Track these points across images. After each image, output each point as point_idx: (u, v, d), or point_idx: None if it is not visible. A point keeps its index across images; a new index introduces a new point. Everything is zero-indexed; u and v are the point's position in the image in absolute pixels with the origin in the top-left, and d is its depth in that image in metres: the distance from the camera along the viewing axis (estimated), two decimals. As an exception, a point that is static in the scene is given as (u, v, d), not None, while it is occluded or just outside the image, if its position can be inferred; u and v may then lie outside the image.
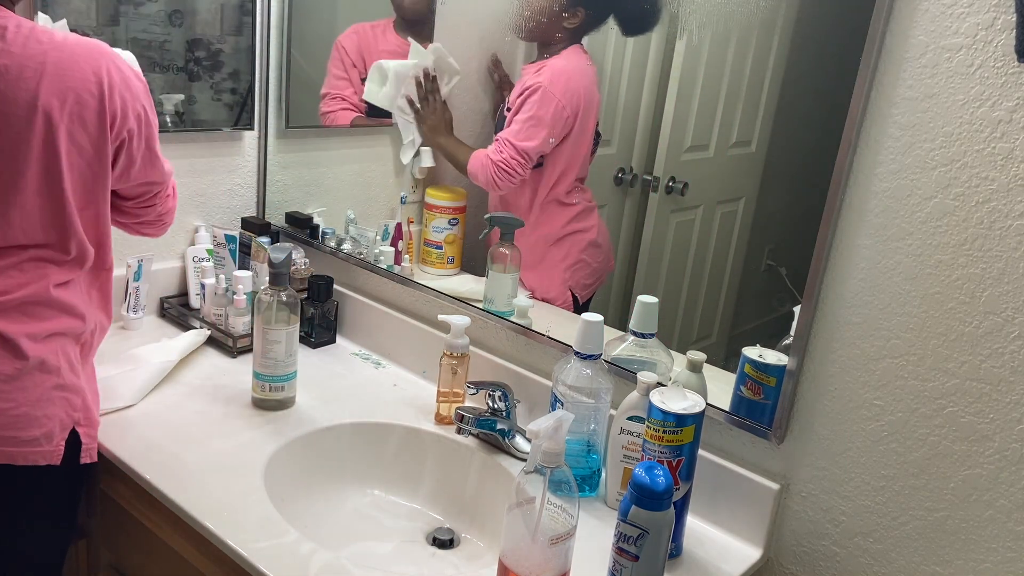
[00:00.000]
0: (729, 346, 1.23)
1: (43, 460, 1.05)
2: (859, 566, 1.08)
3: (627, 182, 1.33)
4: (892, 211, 0.98)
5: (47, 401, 1.04)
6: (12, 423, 1.01)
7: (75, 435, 1.09)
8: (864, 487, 1.06)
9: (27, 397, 1.03)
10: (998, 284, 0.92)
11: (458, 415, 1.27)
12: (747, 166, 1.18)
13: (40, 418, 1.04)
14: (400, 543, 1.20)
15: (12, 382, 1.01)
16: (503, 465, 1.24)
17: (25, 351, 1.02)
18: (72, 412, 1.08)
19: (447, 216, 1.51)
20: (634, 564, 0.92)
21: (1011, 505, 0.95)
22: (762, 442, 1.12)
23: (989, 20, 0.89)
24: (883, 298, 1.00)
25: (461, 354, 1.32)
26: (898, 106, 0.96)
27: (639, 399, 1.09)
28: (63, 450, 1.07)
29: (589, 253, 1.40)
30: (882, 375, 1.02)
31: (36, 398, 1.03)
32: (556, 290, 1.41)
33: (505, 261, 1.39)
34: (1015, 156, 0.89)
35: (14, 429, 1.02)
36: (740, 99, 1.18)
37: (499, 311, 1.40)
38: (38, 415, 1.04)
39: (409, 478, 1.30)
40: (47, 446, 1.05)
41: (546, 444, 0.89)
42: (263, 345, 1.28)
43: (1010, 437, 0.94)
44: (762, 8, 1.13)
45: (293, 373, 1.32)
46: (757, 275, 1.19)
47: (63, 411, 1.07)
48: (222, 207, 1.71)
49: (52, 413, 1.05)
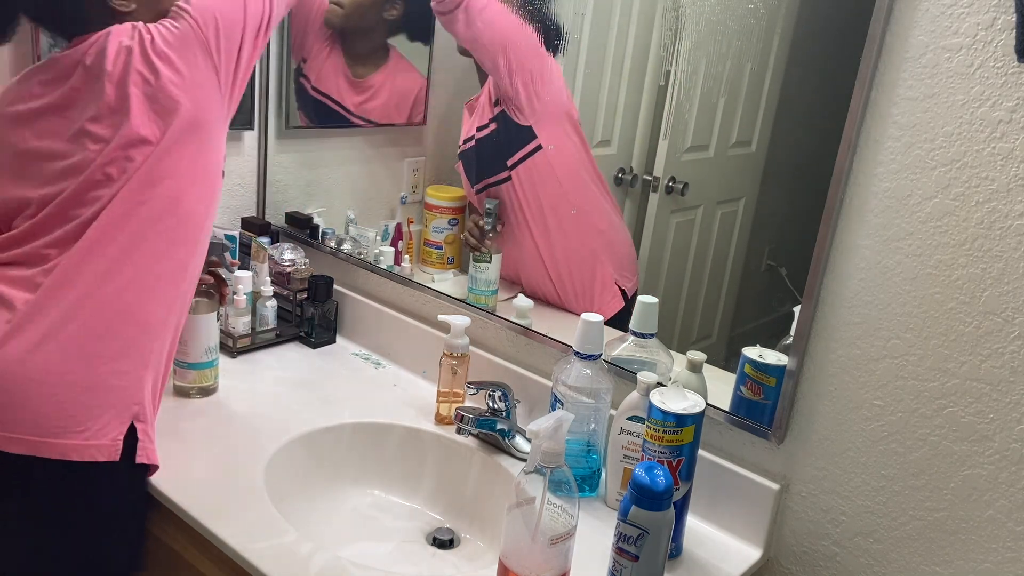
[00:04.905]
0: (729, 346, 1.23)
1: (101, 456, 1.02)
2: (859, 566, 1.08)
3: (627, 182, 1.33)
4: (892, 211, 0.98)
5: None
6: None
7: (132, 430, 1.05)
8: (864, 487, 1.06)
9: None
10: (998, 284, 0.92)
11: (458, 415, 1.27)
12: (747, 166, 1.18)
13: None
14: (400, 543, 1.20)
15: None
16: (503, 465, 1.24)
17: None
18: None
19: (447, 216, 1.51)
20: (634, 564, 0.92)
21: (1011, 505, 0.95)
22: (762, 442, 1.12)
23: (989, 20, 0.89)
24: (883, 298, 1.00)
25: (461, 354, 1.32)
26: (898, 106, 0.96)
27: (639, 399, 1.09)
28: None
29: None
30: (882, 375, 1.02)
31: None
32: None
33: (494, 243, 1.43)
34: (1015, 156, 0.89)
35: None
36: (740, 99, 1.18)
37: (495, 290, 1.43)
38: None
39: (409, 478, 1.30)
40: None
41: (546, 444, 0.89)
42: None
43: (1010, 437, 0.94)
44: (762, 8, 1.13)
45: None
46: (757, 275, 1.19)
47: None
48: (222, 207, 1.71)
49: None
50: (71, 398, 1.00)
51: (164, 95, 1.05)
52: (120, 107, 1.04)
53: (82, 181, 1.03)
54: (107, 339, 1.03)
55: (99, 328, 1.02)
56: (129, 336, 1.05)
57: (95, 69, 1.05)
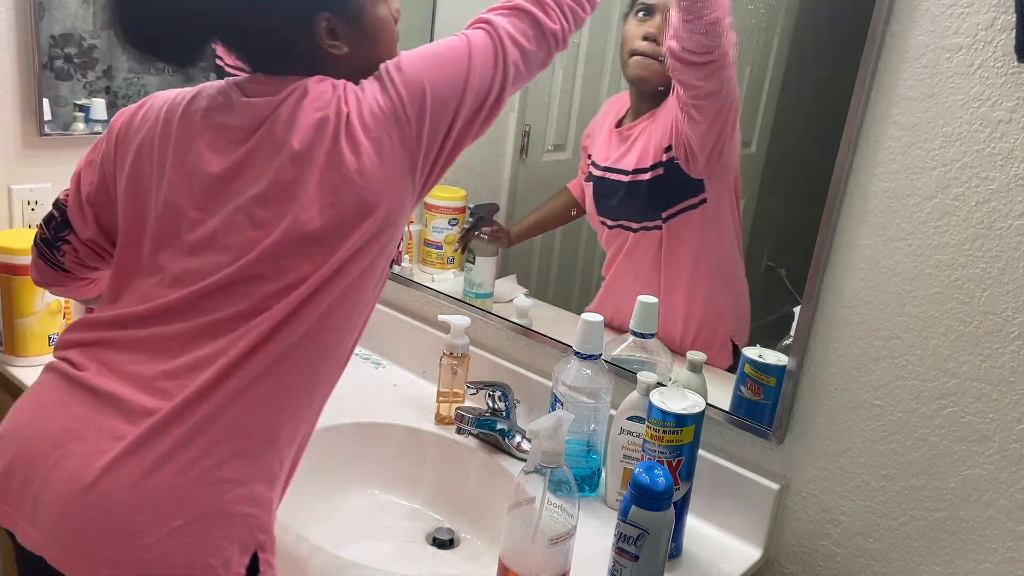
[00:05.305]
0: (729, 346, 1.23)
1: None
2: (859, 566, 1.08)
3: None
4: (892, 211, 0.98)
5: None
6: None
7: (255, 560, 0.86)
8: (864, 487, 1.06)
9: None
10: (998, 284, 0.92)
11: (458, 415, 1.27)
12: (747, 166, 1.18)
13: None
14: (400, 543, 1.20)
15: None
16: (503, 465, 1.24)
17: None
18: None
19: (447, 216, 1.51)
20: (634, 564, 0.92)
21: (1011, 505, 0.95)
22: (762, 442, 1.12)
23: (989, 20, 0.89)
24: (883, 298, 1.00)
25: (461, 354, 1.32)
26: (898, 106, 0.96)
27: (639, 399, 1.09)
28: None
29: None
30: (882, 375, 1.02)
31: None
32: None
33: (493, 244, 1.45)
34: (1015, 156, 0.89)
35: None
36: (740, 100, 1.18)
37: (483, 293, 1.43)
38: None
39: (409, 478, 1.30)
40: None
41: (546, 444, 0.89)
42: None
43: (1010, 437, 0.94)
44: (762, 8, 1.13)
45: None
46: (757, 276, 1.19)
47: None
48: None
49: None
50: (194, 531, 0.81)
51: (353, 186, 0.85)
52: (294, 191, 0.85)
53: (238, 268, 0.85)
54: (237, 461, 0.84)
55: (228, 448, 0.84)
56: (261, 457, 0.86)
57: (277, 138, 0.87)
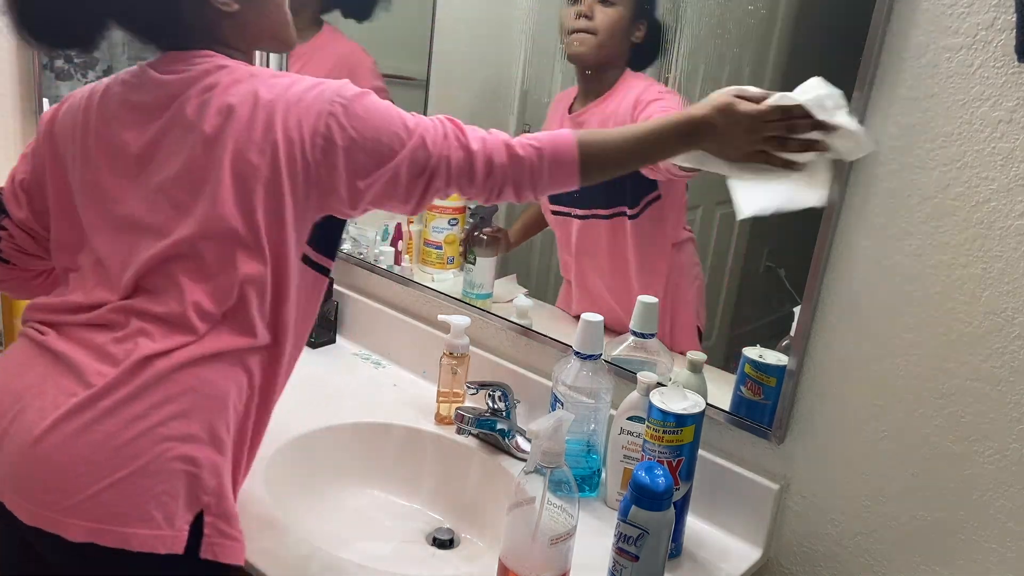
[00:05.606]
0: (729, 346, 1.23)
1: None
2: (859, 566, 1.08)
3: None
4: (892, 211, 0.98)
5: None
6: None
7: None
8: (864, 487, 1.06)
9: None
10: (998, 284, 0.92)
11: (458, 415, 1.27)
12: (747, 166, 1.18)
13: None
14: (400, 543, 1.20)
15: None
16: (503, 465, 1.24)
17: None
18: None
19: (447, 216, 1.51)
20: (634, 564, 0.92)
21: (1011, 505, 0.95)
22: (762, 442, 1.12)
23: (989, 20, 0.89)
24: (883, 298, 1.00)
25: (461, 354, 1.32)
26: (898, 106, 0.96)
27: (639, 399, 1.09)
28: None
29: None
30: (882, 375, 1.02)
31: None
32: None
33: (493, 245, 1.44)
34: (1015, 156, 0.89)
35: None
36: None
37: (483, 294, 1.43)
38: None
39: (409, 478, 1.30)
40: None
41: (546, 444, 0.89)
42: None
43: (1010, 437, 0.94)
44: (762, 8, 1.13)
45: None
46: (757, 276, 1.19)
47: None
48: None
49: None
50: (136, 484, 0.87)
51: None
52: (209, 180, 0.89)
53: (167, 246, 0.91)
54: (181, 420, 0.89)
55: (172, 408, 0.89)
56: (205, 419, 0.91)
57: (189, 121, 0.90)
